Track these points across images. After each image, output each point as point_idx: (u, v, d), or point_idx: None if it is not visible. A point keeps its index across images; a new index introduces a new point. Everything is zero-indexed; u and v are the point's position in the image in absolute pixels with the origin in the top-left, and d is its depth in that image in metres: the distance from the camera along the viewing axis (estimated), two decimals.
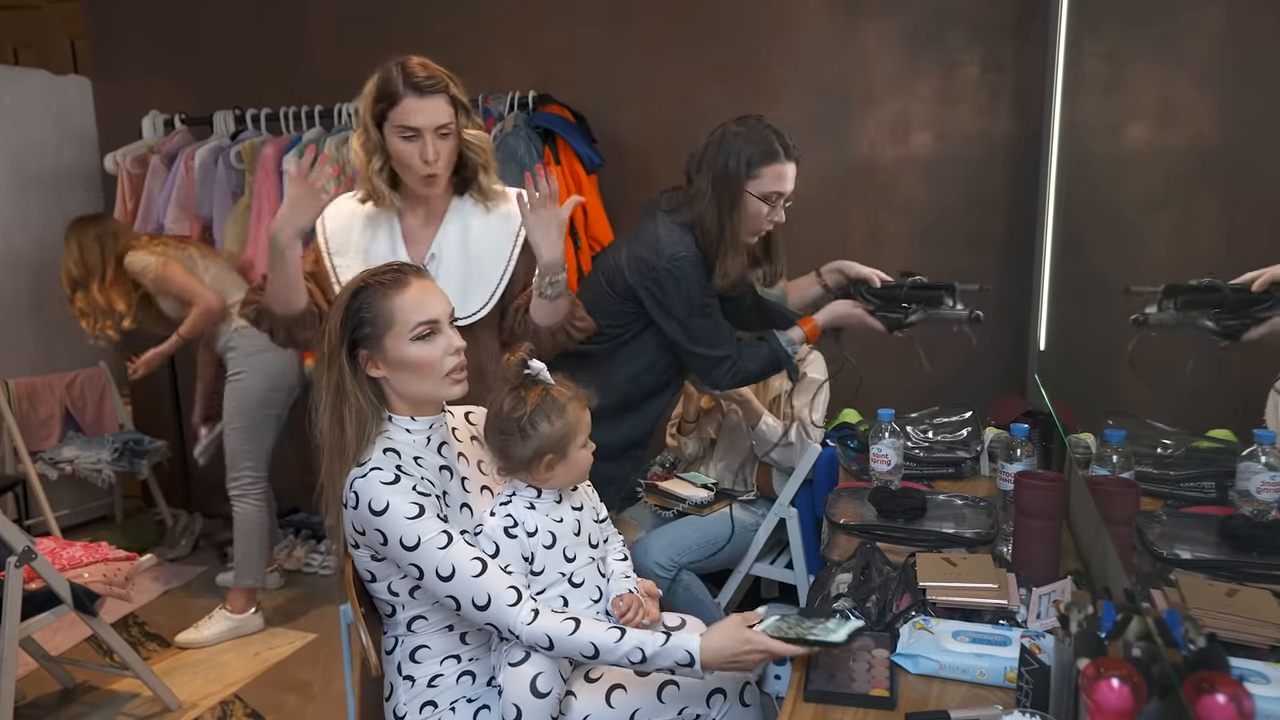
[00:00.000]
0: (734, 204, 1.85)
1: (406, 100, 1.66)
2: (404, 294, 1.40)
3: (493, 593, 1.32)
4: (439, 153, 1.69)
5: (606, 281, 1.98)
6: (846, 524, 1.72)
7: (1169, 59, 1.57)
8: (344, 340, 1.40)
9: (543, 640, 1.31)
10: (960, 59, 2.85)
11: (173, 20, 3.76)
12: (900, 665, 1.28)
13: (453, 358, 1.42)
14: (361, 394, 1.40)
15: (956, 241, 2.90)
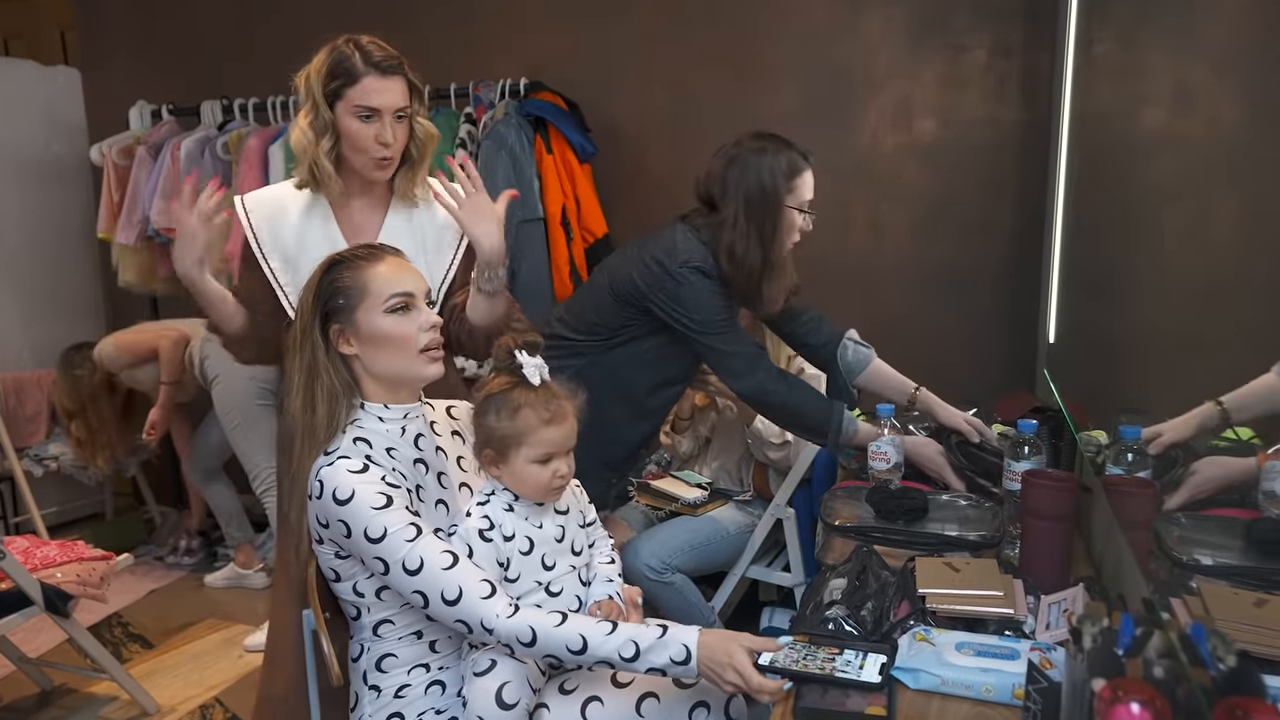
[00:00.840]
0: (775, 223, 1.80)
1: (367, 79, 1.58)
2: (380, 266, 1.35)
3: (464, 585, 1.23)
4: (396, 135, 1.63)
5: (609, 281, 1.92)
6: (842, 526, 1.63)
7: (1186, 41, 1.48)
8: (315, 314, 1.33)
9: (524, 633, 1.21)
10: (967, 43, 2.75)
11: (161, 10, 3.69)
12: (899, 680, 1.19)
13: (427, 334, 1.35)
14: (334, 371, 1.33)
15: (961, 231, 2.80)
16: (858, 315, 2.90)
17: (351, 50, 1.60)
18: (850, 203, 2.91)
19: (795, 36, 2.89)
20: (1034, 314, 2.57)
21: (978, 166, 2.77)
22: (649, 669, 1.21)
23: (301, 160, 1.64)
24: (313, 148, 1.61)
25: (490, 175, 2.84)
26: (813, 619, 1.34)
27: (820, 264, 2.89)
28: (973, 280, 2.81)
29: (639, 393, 1.95)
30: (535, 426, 1.33)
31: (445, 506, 1.40)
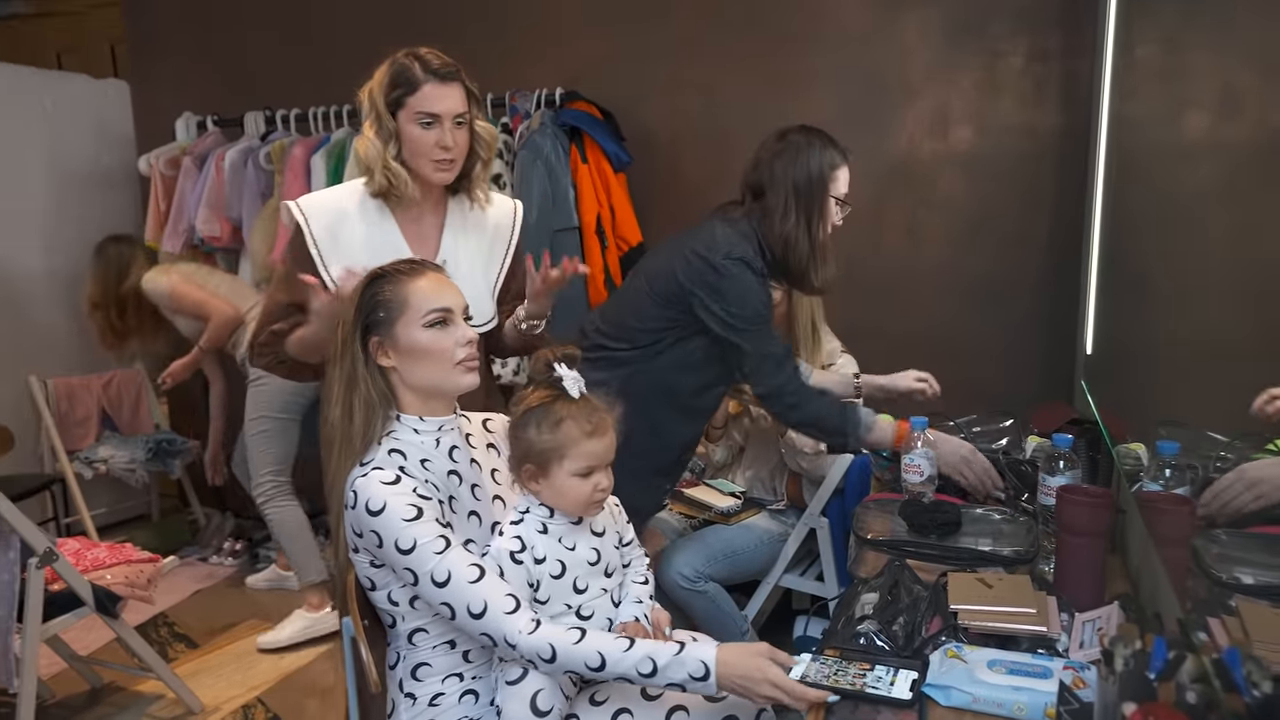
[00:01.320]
0: (821, 211, 1.87)
1: (427, 86, 1.66)
2: (420, 280, 1.39)
3: (489, 600, 1.26)
4: (456, 140, 1.70)
5: (648, 283, 1.92)
6: (875, 539, 1.63)
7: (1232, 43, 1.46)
8: (356, 327, 1.37)
9: (544, 650, 1.23)
10: (1004, 49, 2.72)
11: (207, 24, 3.78)
12: (930, 696, 1.19)
13: (464, 348, 1.38)
14: (372, 382, 1.37)
15: (998, 240, 2.78)
16: (893, 324, 2.90)
17: (411, 61, 1.68)
18: (886, 210, 2.90)
19: (830, 42, 2.88)
20: (1073, 324, 2.54)
21: (1015, 174, 2.74)
22: (668, 684, 1.22)
23: (374, 168, 1.70)
24: (381, 155, 1.68)
25: (526, 185, 2.88)
26: (844, 633, 1.34)
27: (855, 271, 2.88)
28: (1010, 289, 2.78)
29: (685, 395, 1.95)
30: (577, 439, 1.33)
31: (478, 518, 1.42)
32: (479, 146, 1.76)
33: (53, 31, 4.49)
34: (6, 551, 2.02)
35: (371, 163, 1.70)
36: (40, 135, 3.67)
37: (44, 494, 3.55)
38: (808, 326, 2.34)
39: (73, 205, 3.79)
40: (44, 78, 3.74)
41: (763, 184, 1.88)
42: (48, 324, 3.73)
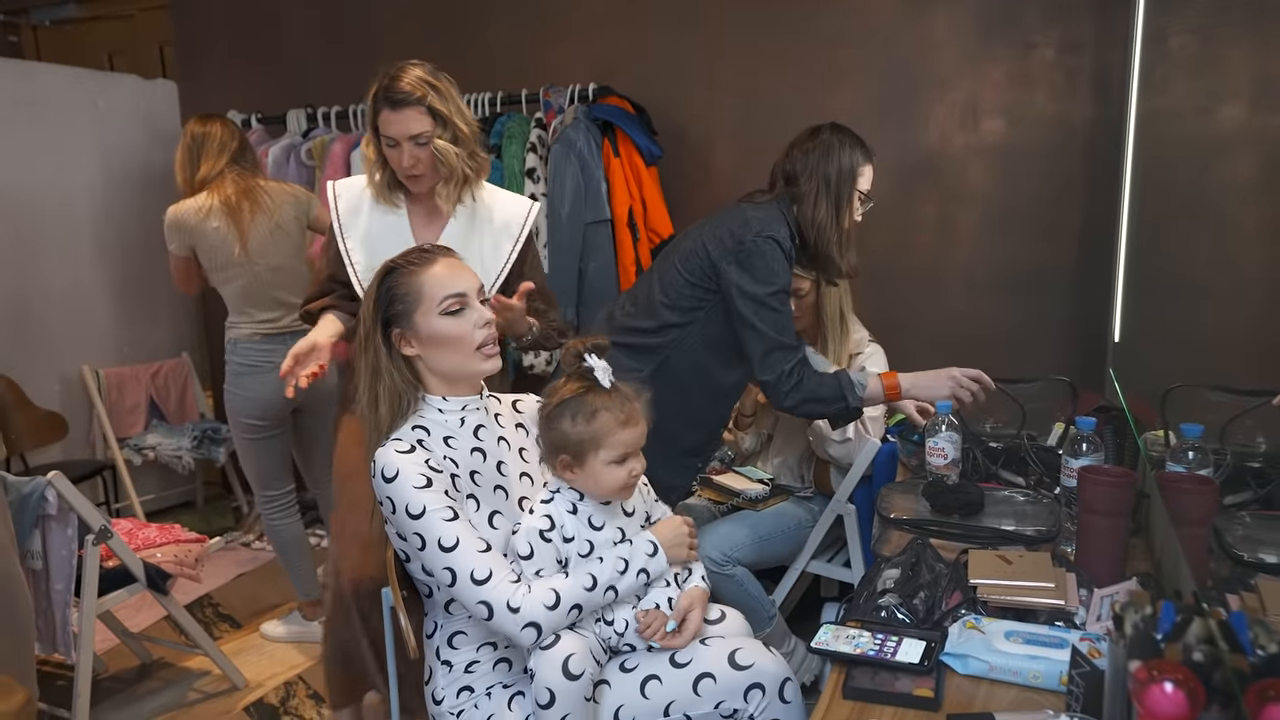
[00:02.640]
0: (848, 201, 1.97)
1: (383, 113, 1.82)
2: (431, 269, 1.43)
3: (494, 569, 1.32)
4: (415, 159, 1.84)
5: (680, 263, 1.96)
6: (898, 519, 1.66)
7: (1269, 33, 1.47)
8: (377, 320, 1.43)
9: (548, 598, 1.31)
10: (1036, 40, 2.73)
11: (251, 25, 3.89)
12: (948, 665, 1.22)
13: (482, 330, 1.42)
14: (397, 372, 1.42)
15: (1030, 233, 2.78)
16: (923, 316, 2.92)
17: (381, 83, 1.83)
18: (917, 203, 2.91)
19: (861, 36, 2.90)
20: (1104, 314, 2.54)
21: (1046, 166, 2.74)
22: (639, 572, 1.40)
23: (368, 174, 1.93)
24: (373, 168, 1.91)
25: (559, 178, 2.94)
26: (866, 606, 1.38)
27: (885, 263, 2.91)
28: (1041, 281, 2.78)
29: (717, 372, 1.99)
30: (613, 429, 1.37)
31: (504, 492, 1.46)
32: (440, 165, 1.87)
33: (104, 34, 4.63)
34: (65, 529, 2.12)
35: (366, 170, 1.93)
36: (92, 133, 3.81)
37: (96, 479, 3.68)
38: (835, 316, 2.37)
39: (123, 201, 3.92)
40: (95, 78, 3.87)
41: (796, 172, 1.96)
42: (100, 316, 3.87)
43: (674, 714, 1.35)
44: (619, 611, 1.41)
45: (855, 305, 2.45)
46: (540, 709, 1.31)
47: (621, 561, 1.39)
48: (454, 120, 1.85)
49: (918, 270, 2.92)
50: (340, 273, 1.96)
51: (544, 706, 1.30)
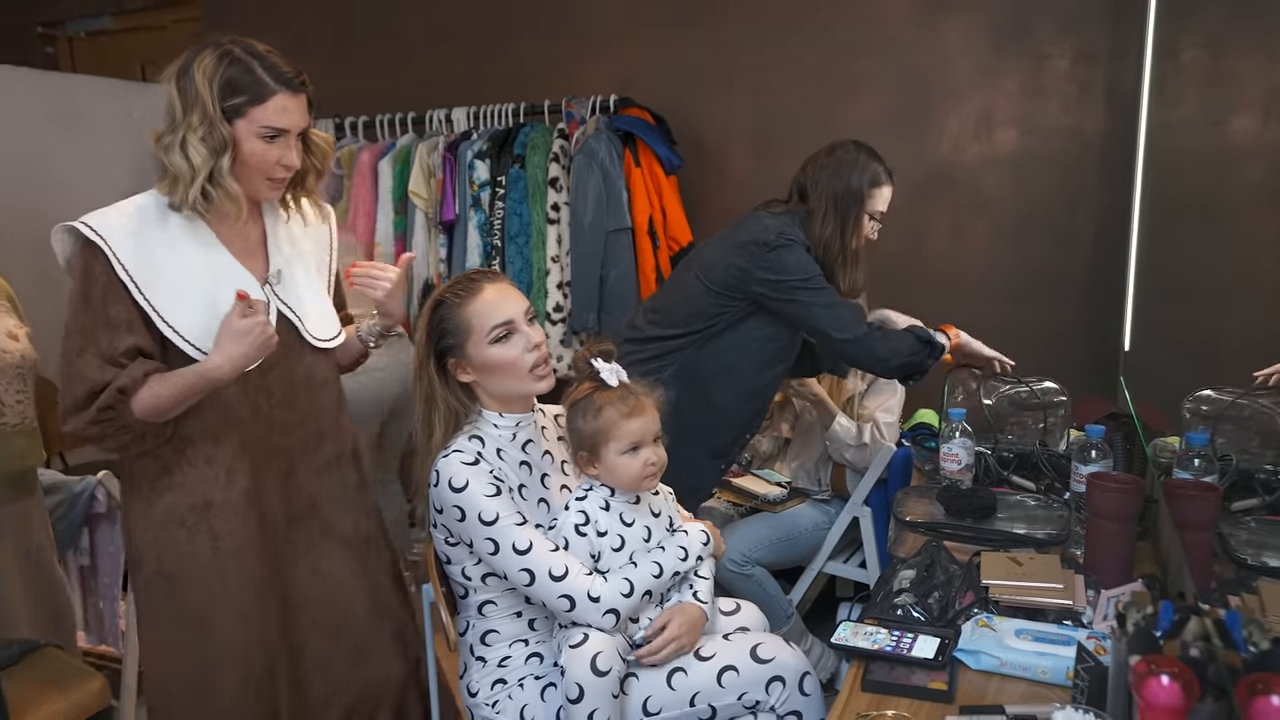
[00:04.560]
0: (856, 221, 2.01)
1: (279, 98, 1.43)
2: (477, 300, 1.49)
3: (569, 565, 1.41)
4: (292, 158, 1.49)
5: (701, 273, 2.02)
6: (913, 521, 1.72)
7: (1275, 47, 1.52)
8: (430, 353, 1.51)
9: (624, 587, 1.41)
10: (1049, 51, 2.78)
11: (280, 37, 3.93)
12: (961, 660, 1.29)
13: (533, 354, 1.49)
14: (453, 397, 1.51)
15: (1043, 241, 2.84)
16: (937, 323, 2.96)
17: (251, 61, 1.43)
18: (931, 212, 2.97)
19: (876, 47, 2.96)
20: (1116, 323, 2.59)
21: (1059, 176, 2.79)
22: (696, 559, 1.53)
23: (189, 182, 1.41)
24: (206, 167, 1.41)
25: (581, 188, 3.02)
26: (883, 605, 1.44)
27: (900, 273, 2.97)
28: (1054, 289, 2.83)
29: (746, 374, 2.05)
30: (617, 420, 1.46)
31: (546, 505, 1.55)
32: (313, 157, 1.55)
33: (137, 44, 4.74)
34: (113, 526, 2.20)
35: (189, 175, 1.40)
36: (126, 142, 3.90)
37: None
38: None
39: None
40: (129, 88, 3.97)
41: (807, 188, 2.02)
42: None
43: (699, 704, 1.43)
44: (645, 611, 1.49)
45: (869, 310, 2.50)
46: (570, 703, 1.38)
47: (681, 550, 1.50)
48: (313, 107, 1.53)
49: (931, 277, 2.98)
50: (143, 340, 1.43)
51: (573, 701, 1.37)
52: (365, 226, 3.41)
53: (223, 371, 1.40)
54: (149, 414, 1.41)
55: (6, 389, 1.91)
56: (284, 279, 1.56)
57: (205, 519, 1.49)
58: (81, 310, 1.41)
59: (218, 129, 1.40)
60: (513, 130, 3.24)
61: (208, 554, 1.49)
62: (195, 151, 1.40)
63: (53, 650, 1.56)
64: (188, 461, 1.48)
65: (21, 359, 1.95)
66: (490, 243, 3.19)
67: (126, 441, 1.43)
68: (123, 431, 1.41)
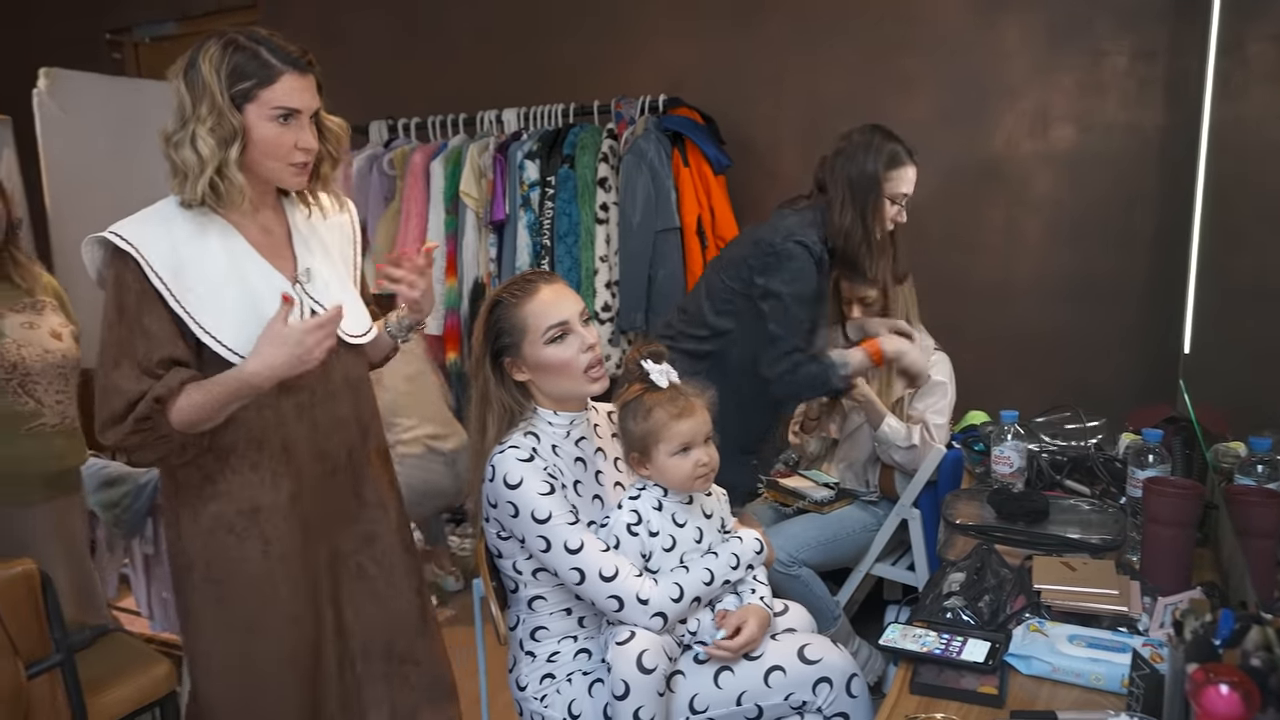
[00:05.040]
0: (875, 206, 1.98)
1: (287, 78, 1.41)
2: (534, 301, 1.51)
3: (619, 566, 1.42)
4: (310, 141, 1.46)
5: (724, 273, 2.04)
6: (963, 524, 1.71)
7: None
8: (486, 352, 1.53)
9: (673, 591, 1.42)
10: (1108, 47, 2.73)
11: (336, 40, 4.07)
12: (1011, 665, 1.27)
13: (587, 354, 1.51)
14: (508, 396, 1.53)
15: (1100, 240, 2.78)
16: (989, 325, 2.93)
17: (255, 46, 1.41)
18: (983, 211, 2.93)
19: (929, 44, 2.93)
20: (1176, 325, 2.53)
21: (1117, 173, 2.74)
22: (747, 567, 1.53)
23: (197, 175, 1.39)
24: (215, 158, 1.39)
25: (630, 188, 3.03)
26: (932, 608, 1.43)
27: (951, 271, 2.94)
28: (1111, 289, 2.78)
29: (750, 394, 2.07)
30: (667, 422, 1.47)
31: (600, 502, 1.57)
32: (329, 143, 1.52)
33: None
34: None
35: (198, 168, 1.39)
36: None
37: None
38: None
39: None
40: None
41: (825, 179, 2.01)
42: None
43: (745, 704, 1.43)
44: (692, 614, 1.49)
45: (921, 312, 2.48)
46: (616, 700, 1.39)
47: (734, 557, 1.50)
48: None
49: (984, 277, 2.94)
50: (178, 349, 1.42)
51: (619, 698, 1.39)
52: (417, 226, 3.47)
53: (261, 378, 1.38)
54: (187, 423, 1.39)
55: (47, 389, 1.96)
56: (313, 276, 1.54)
57: (255, 524, 1.49)
58: (116, 322, 1.40)
59: (227, 118, 1.38)
60: (562, 131, 3.27)
61: (258, 559, 1.49)
62: (203, 143, 1.38)
63: (122, 635, 1.63)
64: (231, 469, 1.47)
65: (63, 359, 2.00)
66: (539, 242, 3.23)
67: (165, 453, 1.42)
68: (161, 442, 1.39)
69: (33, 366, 1.92)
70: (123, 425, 1.36)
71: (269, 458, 1.49)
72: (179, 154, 1.39)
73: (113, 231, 1.40)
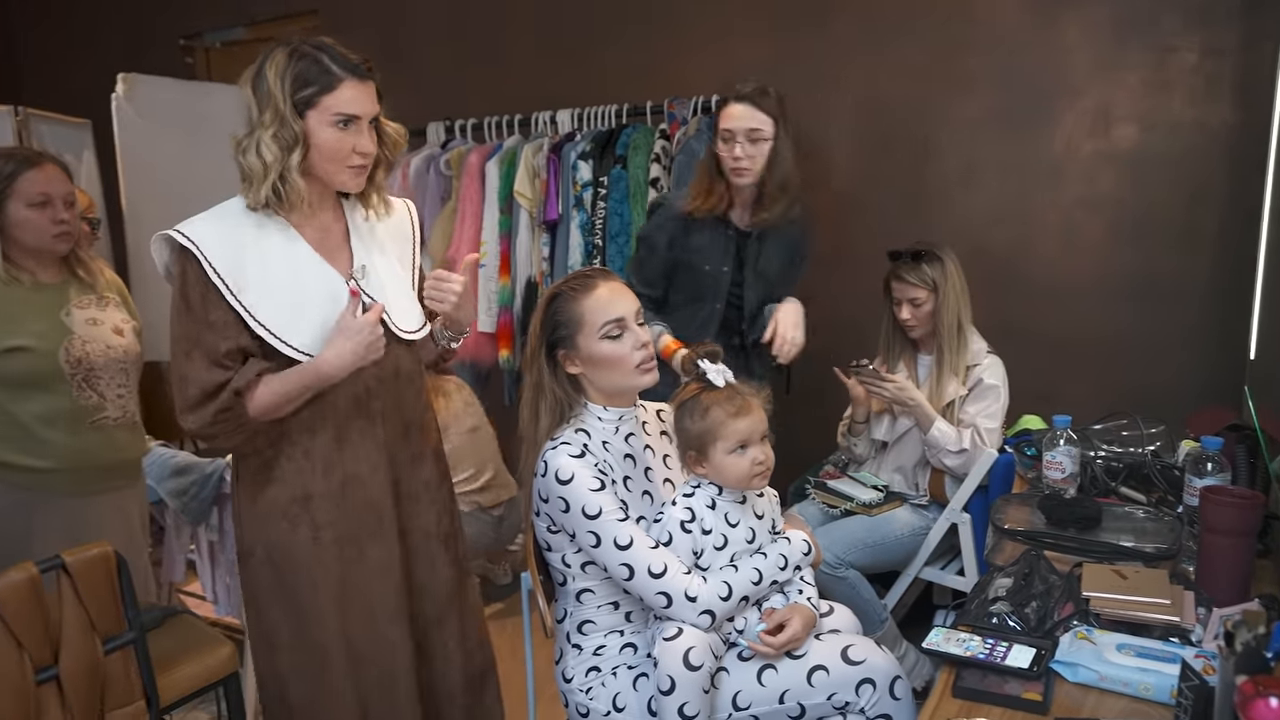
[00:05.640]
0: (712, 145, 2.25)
1: (347, 85, 1.47)
2: (592, 296, 1.54)
3: (668, 562, 1.45)
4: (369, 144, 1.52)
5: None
6: (1012, 530, 1.69)
7: None
8: (543, 342, 1.57)
9: (722, 589, 1.44)
10: (1175, 44, 2.65)
11: (396, 44, 4.16)
12: (1058, 672, 1.26)
13: (640, 352, 1.54)
14: (560, 388, 1.56)
15: (1162, 240, 2.71)
16: (1047, 325, 2.88)
17: (318, 53, 1.48)
18: (1041, 210, 2.88)
19: (989, 42, 2.89)
20: (1242, 328, 2.46)
21: (1181, 172, 2.67)
22: (794, 568, 1.55)
23: (261, 179, 1.47)
24: (278, 164, 1.46)
25: (682, 188, 3.04)
26: (977, 613, 1.42)
27: (1007, 270, 2.89)
28: (1174, 291, 2.71)
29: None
30: (724, 421, 1.48)
31: (650, 497, 1.59)
32: (385, 148, 1.58)
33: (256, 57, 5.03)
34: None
35: (262, 173, 1.46)
36: None
37: None
38: (952, 326, 2.37)
39: None
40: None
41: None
42: None
43: (788, 702, 1.44)
44: (739, 612, 1.51)
45: (974, 314, 2.45)
46: (661, 694, 1.42)
47: (782, 558, 1.52)
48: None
49: (1041, 278, 2.89)
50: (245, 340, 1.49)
51: (665, 693, 1.41)
52: (472, 226, 3.53)
53: (333, 367, 1.46)
54: (263, 411, 1.47)
55: (109, 384, 2.02)
56: (368, 273, 1.59)
57: (306, 510, 1.54)
58: (184, 314, 1.47)
59: (289, 125, 1.45)
60: (615, 131, 3.30)
61: (309, 544, 1.55)
62: (267, 149, 1.44)
63: (188, 617, 1.70)
64: (286, 456, 1.54)
65: (125, 354, 2.06)
66: (592, 242, 3.26)
67: (240, 441, 1.50)
68: (238, 431, 1.47)
69: (96, 362, 1.99)
70: (203, 413, 1.44)
71: (321, 446, 1.55)
72: (245, 159, 1.47)
73: (177, 230, 1.47)
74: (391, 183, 3.71)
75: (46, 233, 1.94)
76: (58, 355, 1.93)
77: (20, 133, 3.31)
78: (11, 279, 1.93)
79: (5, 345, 1.88)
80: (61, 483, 1.97)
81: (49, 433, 1.93)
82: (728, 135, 2.16)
